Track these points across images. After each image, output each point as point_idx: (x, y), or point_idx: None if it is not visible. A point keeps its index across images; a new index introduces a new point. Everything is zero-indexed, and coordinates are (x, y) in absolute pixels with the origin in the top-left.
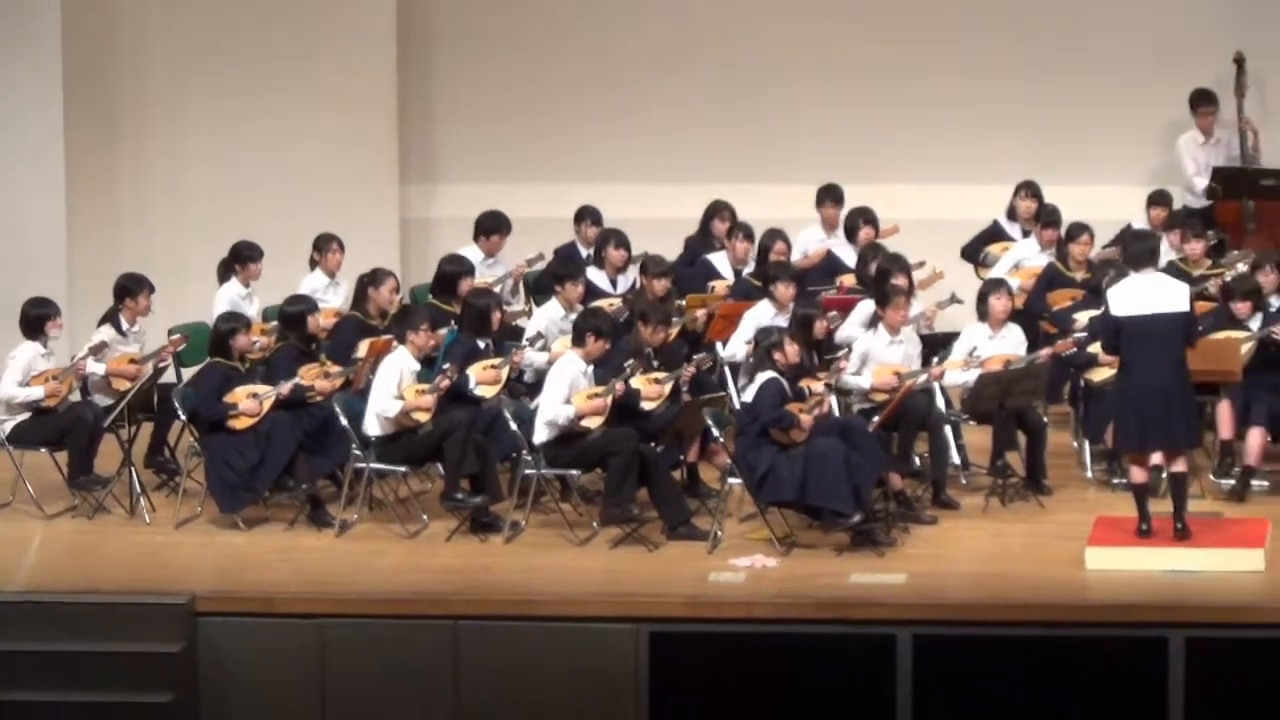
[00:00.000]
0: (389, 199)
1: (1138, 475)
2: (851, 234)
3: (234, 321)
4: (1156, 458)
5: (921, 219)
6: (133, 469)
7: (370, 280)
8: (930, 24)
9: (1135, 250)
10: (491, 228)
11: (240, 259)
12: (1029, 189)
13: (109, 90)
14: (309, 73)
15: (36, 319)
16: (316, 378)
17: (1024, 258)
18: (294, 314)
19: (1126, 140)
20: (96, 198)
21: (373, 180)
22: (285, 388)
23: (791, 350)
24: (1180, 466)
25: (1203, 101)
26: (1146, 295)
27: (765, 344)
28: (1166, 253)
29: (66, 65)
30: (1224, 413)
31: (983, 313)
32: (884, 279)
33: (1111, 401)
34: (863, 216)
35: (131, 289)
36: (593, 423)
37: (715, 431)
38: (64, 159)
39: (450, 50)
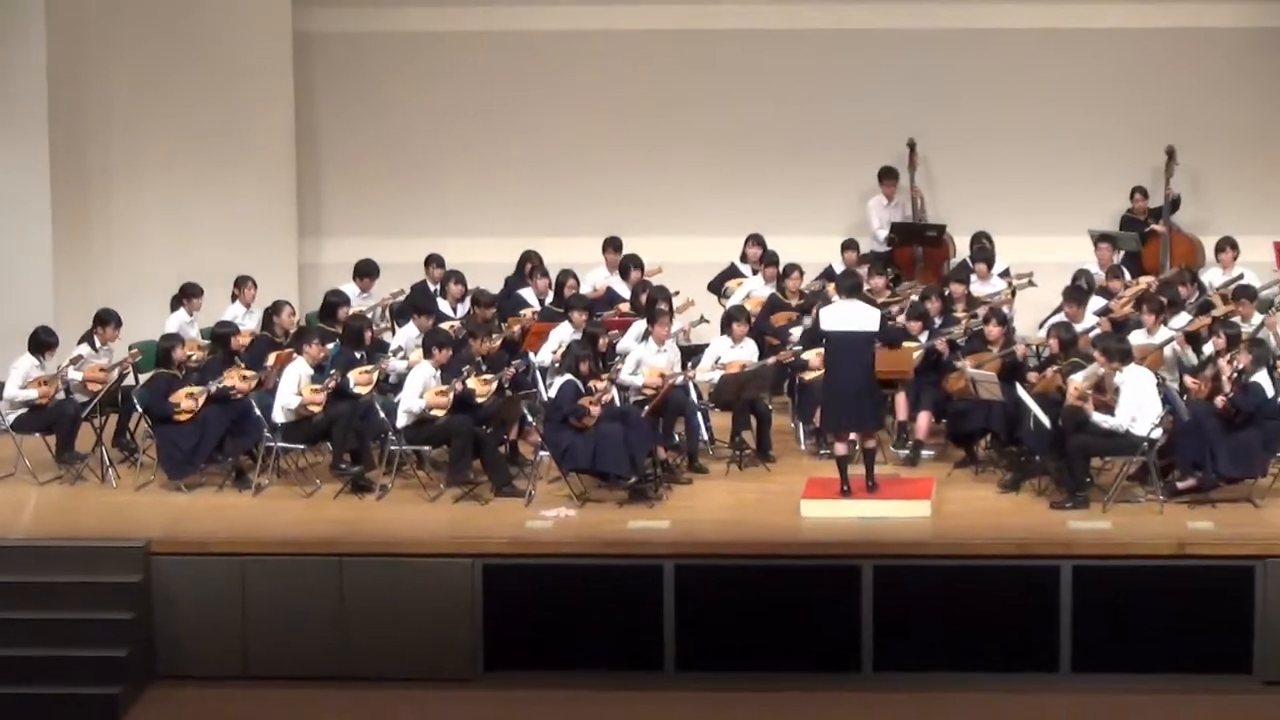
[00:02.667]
0: (289, 249)
1: (840, 449)
2: (625, 274)
3: (172, 341)
4: (854, 435)
5: (678, 261)
6: (103, 448)
7: (274, 310)
8: (682, 113)
9: (844, 284)
10: (365, 272)
11: (187, 294)
12: (755, 239)
13: (84, 163)
14: (231, 153)
15: (44, 343)
16: (237, 379)
17: (753, 290)
18: (222, 334)
19: (829, 202)
20: (75, 245)
21: (277, 235)
22: (213, 387)
23: (587, 365)
24: (871, 443)
25: (887, 175)
26: (847, 317)
27: (574, 355)
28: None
29: (52, 142)
30: (901, 401)
31: (727, 330)
32: (652, 304)
33: (820, 394)
34: (632, 262)
35: (106, 320)
36: (439, 412)
37: (529, 418)
38: (50, 216)
39: (332, 142)
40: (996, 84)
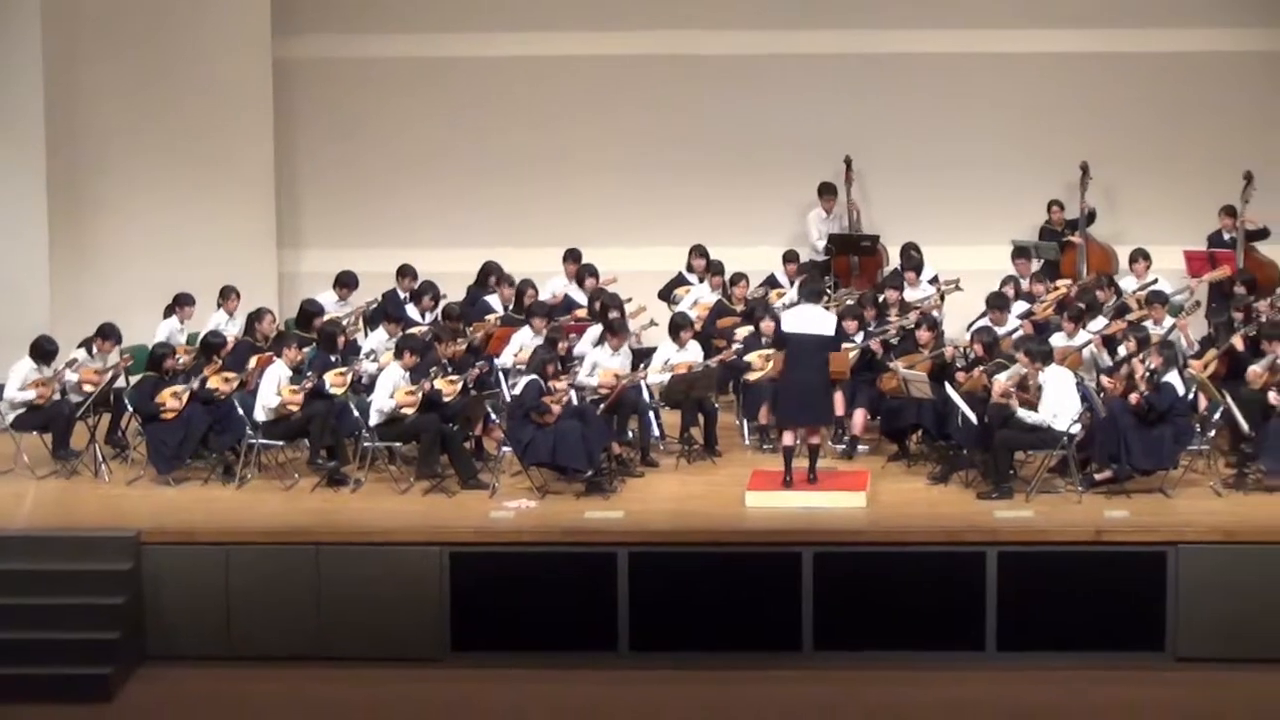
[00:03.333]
0: (269, 260)
1: (787, 440)
2: (581, 282)
3: (166, 349)
4: (801, 430)
5: (631, 270)
6: (97, 445)
7: (256, 316)
8: (634, 133)
9: (808, 290)
10: (345, 282)
11: (180, 303)
12: (698, 250)
13: (78, 179)
14: (215, 169)
15: (46, 352)
16: (220, 381)
17: (700, 297)
18: (213, 344)
19: (771, 215)
20: (70, 256)
21: (258, 247)
22: (195, 383)
23: (550, 366)
24: (816, 439)
25: (826, 190)
26: (806, 320)
27: (540, 359)
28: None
29: (50, 160)
30: (839, 399)
31: (675, 335)
32: (608, 312)
33: (764, 393)
34: (588, 271)
35: (108, 334)
36: (409, 410)
37: (493, 416)
38: (47, 228)
39: (309, 160)
40: (926, 105)
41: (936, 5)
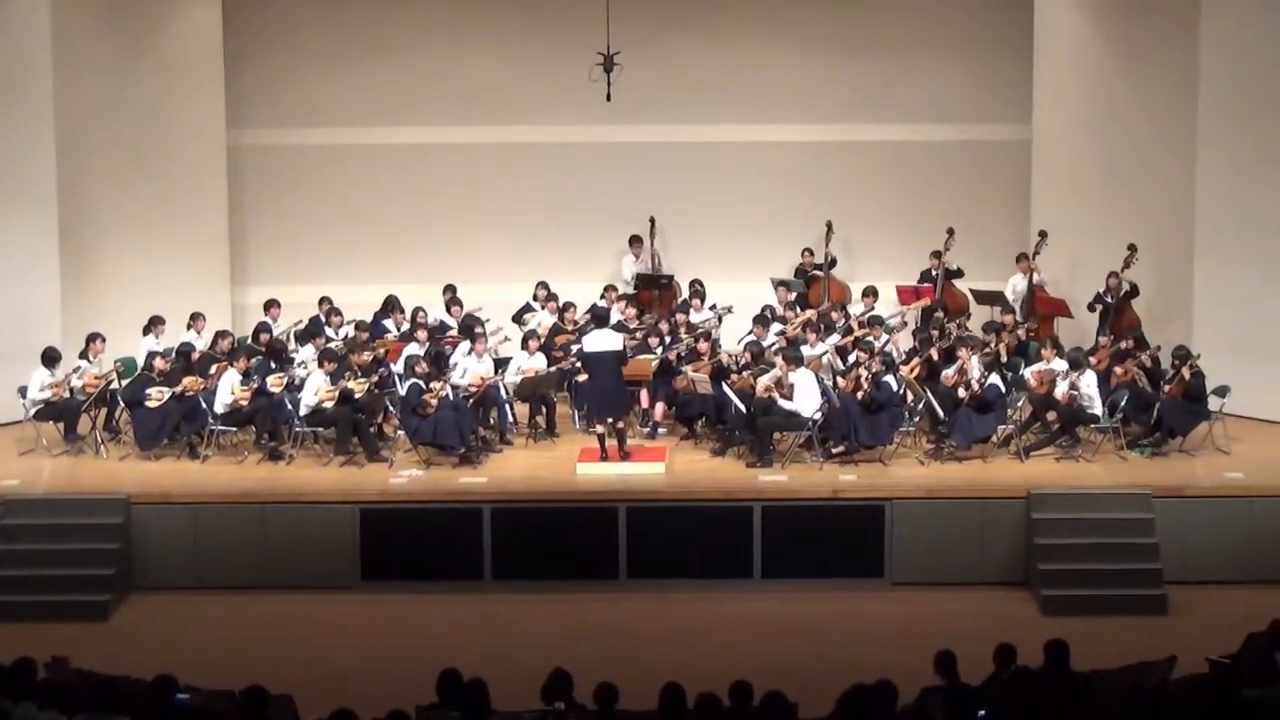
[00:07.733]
0: (224, 293)
1: (599, 429)
2: (452, 309)
3: (152, 360)
4: (610, 419)
5: (492, 301)
6: (97, 431)
7: (221, 335)
8: (495, 199)
9: (597, 317)
10: (273, 304)
11: (154, 323)
12: (542, 285)
13: (81, 235)
14: (184, 226)
15: (53, 358)
16: (189, 383)
17: (541, 320)
18: (185, 352)
19: (595, 259)
20: (75, 293)
21: (216, 284)
22: (178, 390)
23: (420, 368)
24: (620, 424)
25: (635, 241)
26: (601, 341)
27: (411, 363)
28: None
29: (61, 220)
30: (644, 395)
31: (525, 347)
32: (472, 330)
33: (586, 392)
34: (457, 303)
35: (94, 338)
36: (329, 404)
37: (391, 408)
38: (59, 273)
39: (255, 219)
40: (710, 178)
41: (717, 105)
